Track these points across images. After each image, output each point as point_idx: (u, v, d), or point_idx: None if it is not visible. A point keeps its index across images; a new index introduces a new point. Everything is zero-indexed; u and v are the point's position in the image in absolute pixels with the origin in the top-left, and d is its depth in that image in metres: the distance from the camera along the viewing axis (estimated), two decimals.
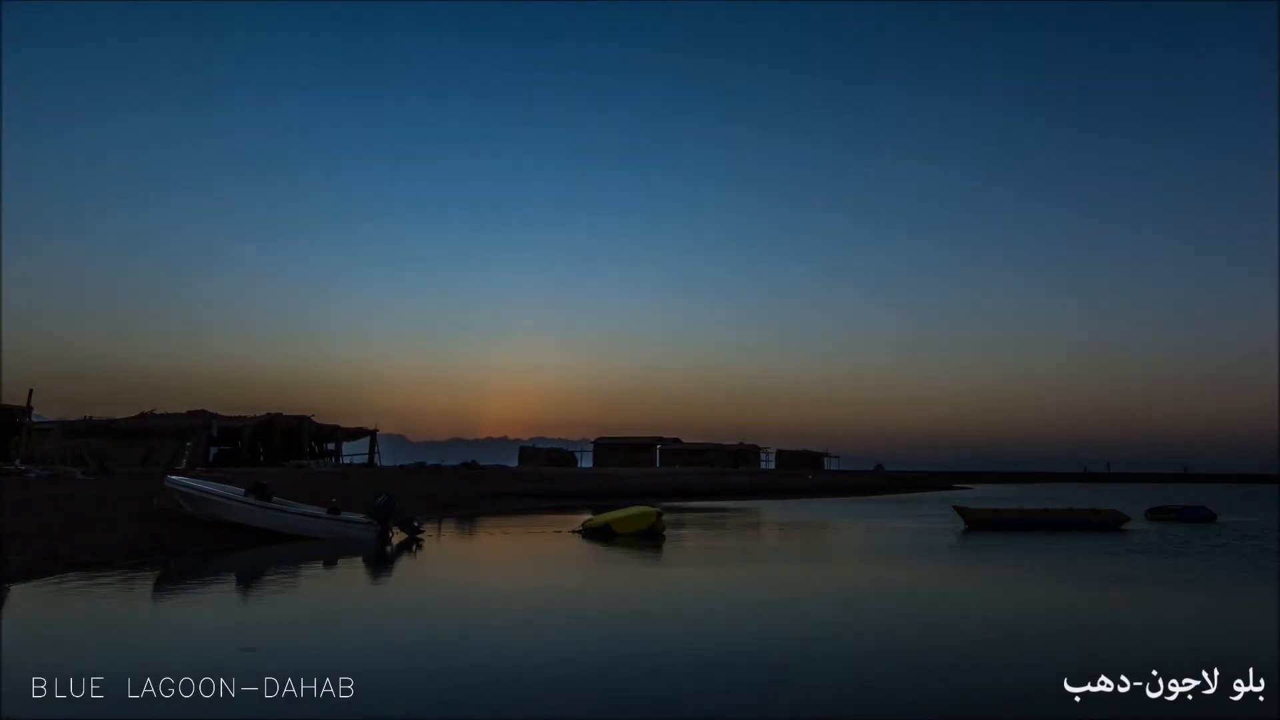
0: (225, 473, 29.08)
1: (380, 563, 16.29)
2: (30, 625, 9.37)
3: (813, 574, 15.60)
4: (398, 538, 19.73)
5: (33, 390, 35.84)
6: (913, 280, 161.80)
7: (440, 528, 23.34)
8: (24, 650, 8.11)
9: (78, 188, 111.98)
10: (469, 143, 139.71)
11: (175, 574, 13.98)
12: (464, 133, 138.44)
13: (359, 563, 16.02)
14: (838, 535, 23.70)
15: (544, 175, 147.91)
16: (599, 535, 21.35)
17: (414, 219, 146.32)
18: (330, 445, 52.57)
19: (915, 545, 20.19)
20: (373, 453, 52.37)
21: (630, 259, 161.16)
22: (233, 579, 13.85)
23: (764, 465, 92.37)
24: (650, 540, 20.46)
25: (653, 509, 22.56)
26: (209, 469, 34.18)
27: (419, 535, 19.95)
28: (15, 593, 11.31)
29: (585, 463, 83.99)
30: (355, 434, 52.68)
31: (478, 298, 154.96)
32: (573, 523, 24.16)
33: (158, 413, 45.43)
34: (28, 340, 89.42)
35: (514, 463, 77.09)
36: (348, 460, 51.86)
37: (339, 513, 19.54)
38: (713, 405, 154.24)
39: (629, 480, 49.90)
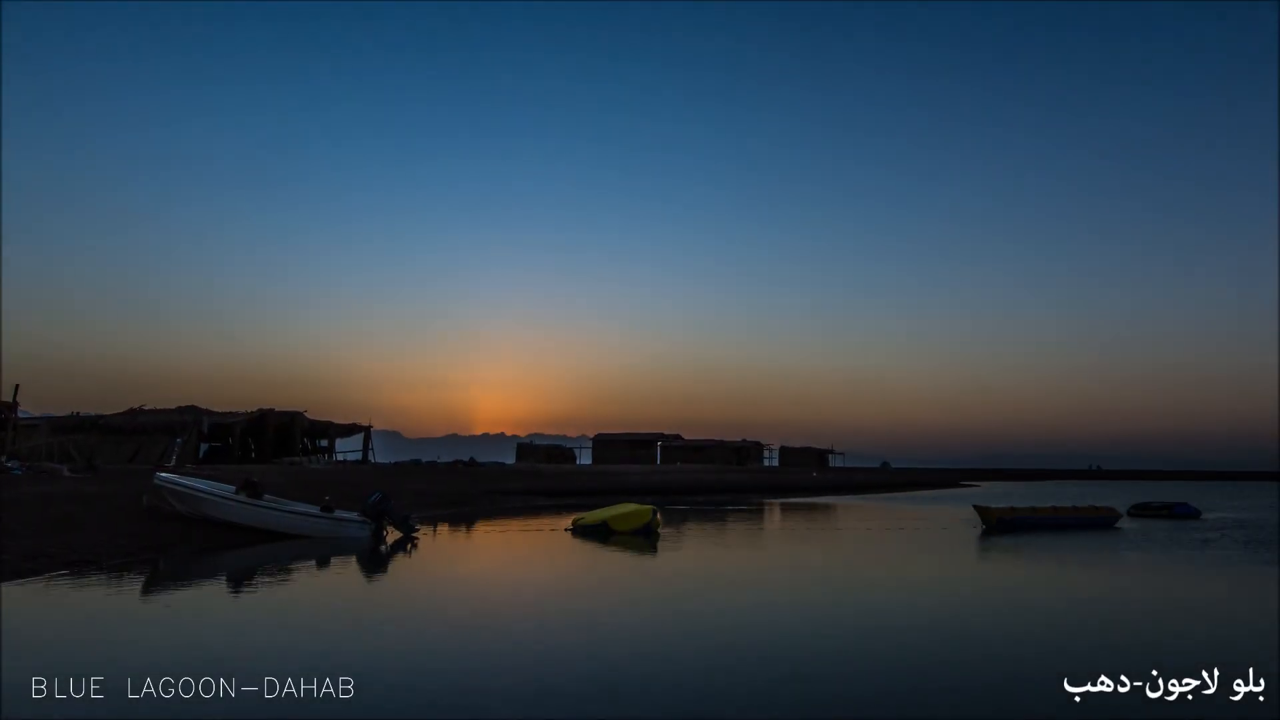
0: (216, 470, 29.18)
1: (374, 562, 16.37)
2: (21, 626, 9.44)
3: (814, 575, 15.67)
4: (392, 536, 19.80)
5: (19, 386, 36.04)
6: (919, 276, 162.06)
7: (435, 526, 23.42)
8: (21, 651, 8.19)
9: (65, 181, 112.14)
10: (465, 138, 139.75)
11: (165, 574, 14.05)
12: (461, 128, 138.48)
13: (353, 562, 16.10)
14: (841, 535, 23.76)
15: (544, 170, 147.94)
16: (592, 534, 21.34)
17: (409, 212, 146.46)
18: (323, 442, 52.70)
19: (926, 544, 20.26)
20: (367, 449, 52.48)
21: (631, 253, 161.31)
22: (224, 578, 13.93)
23: (767, 462, 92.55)
24: (645, 539, 20.49)
25: (647, 506, 22.55)
26: (199, 466, 34.28)
27: (414, 534, 20.03)
28: (2, 593, 11.37)
29: (584, 460, 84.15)
30: (349, 430, 52.78)
31: (474, 291, 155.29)
32: (569, 521, 24.20)
33: (147, 408, 45.54)
34: (13, 334, 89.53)
35: (511, 459, 77.21)
36: (341, 457, 51.98)
37: (332, 511, 19.60)
38: (715, 401, 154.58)
39: (628, 478, 49.99)
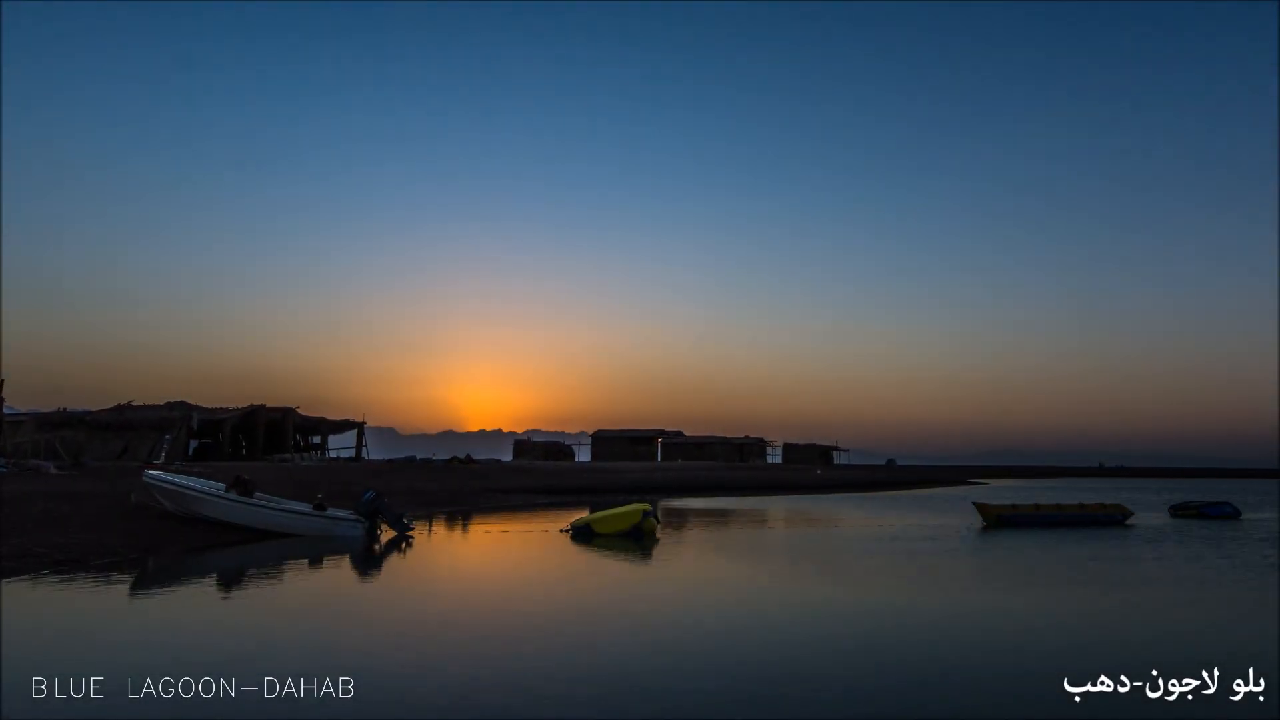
0: (206, 467, 29.26)
1: (368, 561, 16.45)
2: (12, 626, 9.53)
3: (817, 577, 15.74)
4: (386, 536, 19.87)
5: (3, 381, 36.03)
6: (926, 271, 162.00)
7: (431, 525, 23.49)
8: (16, 651, 8.27)
9: (51, 171, 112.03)
10: (463, 131, 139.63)
11: (154, 573, 14.13)
12: (457, 123, 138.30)
13: (346, 562, 16.18)
14: (847, 534, 23.85)
15: (543, 162, 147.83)
16: (583, 535, 20.98)
17: (405, 206, 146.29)
18: (315, 438, 52.82)
19: (929, 544, 20.35)
20: (360, 446, 52.56)
21: (632, 247, 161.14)
22: (215, 578, 14.02)
23: (770, 460, 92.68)
24: (638, 541, 19.90)
25: (639, 506, 21.84)
26: (189, 463, 34.37)
27: (408, 533, 20.10)
28: (2, 591, 11.47)
29: (583, 457, 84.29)
30: (342, 427, 52.87)
31: (471, 285, 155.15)
32: (567, 520, 24.22)
33: (135, 404, 45.65)
34: None
35: (508, 457, 77.38)
36: (334, 454, 52.08)
37: (325, 509, 19.65)
38: (717, 397, 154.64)
39: (628, 475, 50.08)
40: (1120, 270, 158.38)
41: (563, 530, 22.10)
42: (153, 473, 19.54)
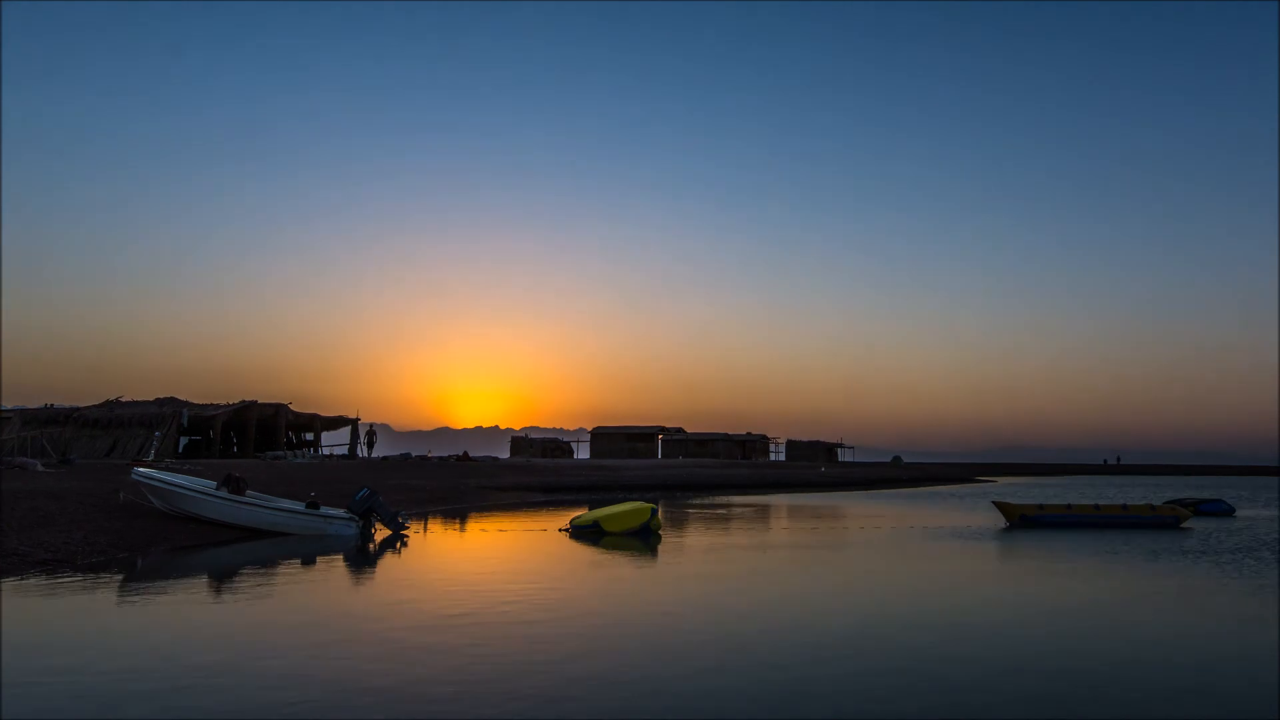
0: (196, 465, 29.22)
1: (362, 561, 16.40)
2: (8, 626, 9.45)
3: (822, 578, 15.69)
4: (381, 534, 19.85)
5: None
6: (932, 266, 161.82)
7: (426, 524, 23.45)
8: (11, 651, 8.23)
9: (39, 166, 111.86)
10: (460, 125, 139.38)
11: (143, 573, 14.08)
12: (454, 116, 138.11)
13: (339, 561, 16.13)
14: (852, 533, 23.79)
15: (542, 156, 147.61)
16: (588, 534, 21.11)
17: (400, 199, 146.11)
18: (308, 435, 52.74)
19: (943, 543, 20.29)
20: (354, 443, 52.49)
21: (632, 240, 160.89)
22: (205, 578, 13.95)
23: (773, 456, 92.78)
24: (644, 540, 20.15)
25: (646, 505, 22.16)
26: (178, 461, 34.33)
27: (403, 532, 20.08)
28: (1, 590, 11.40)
29: (582, 454, 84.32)
30: (335, 423, 52.81)
31: (468, 279, 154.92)
32: (565, 519, 24.21)
33: (124, 400, 45.55)
34: None
35: (505, 453, 77.38)
36: (327, 451, 52.03)
37: (318, 507, 19.65)
38: (719, 392, 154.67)
39: (628, 473, 50.07)
40: (1129, 266, 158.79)
41: (562, 530, 22.07)
42: (142, 470, 19.50)
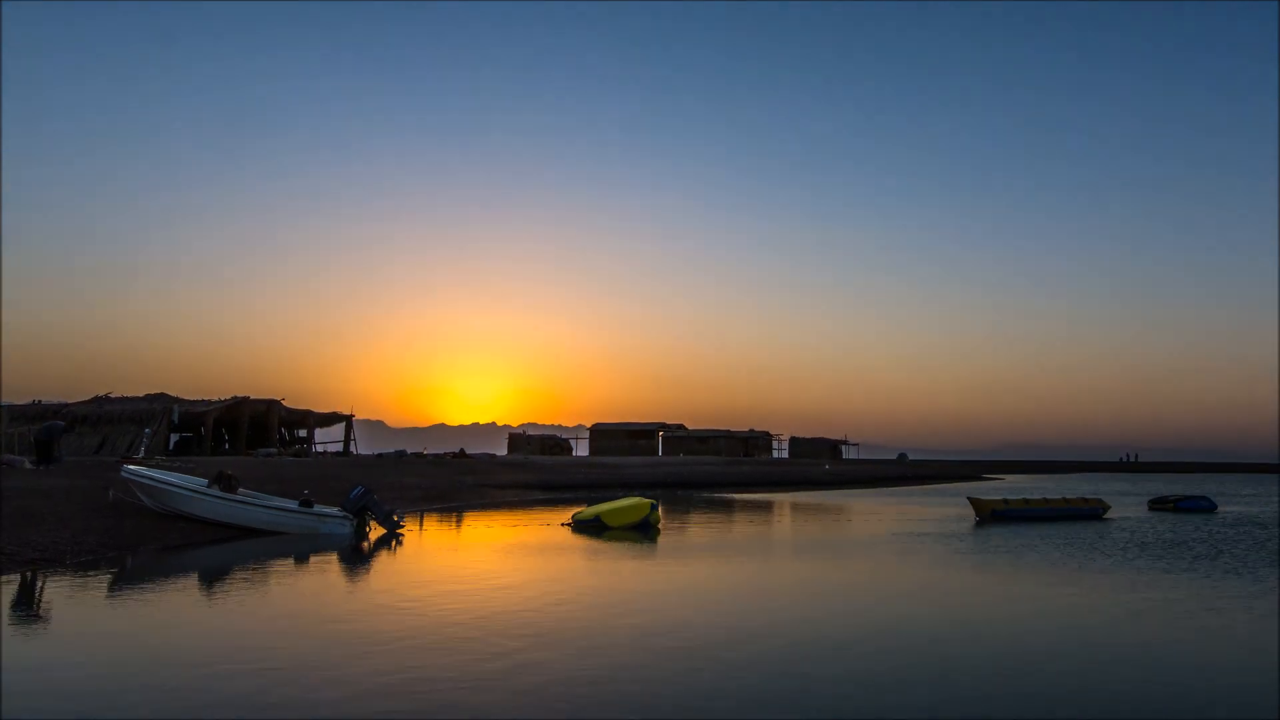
0: (187, 462, 29.23)
1: (356, 560, 16.41)
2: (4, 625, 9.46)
3: (824, 576, 15.68)
4: (375, 533, 19.86)
5: None
6: (937, 257, 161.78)
7: (421, 522, 23.46)
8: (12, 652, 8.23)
9: (24, 158, 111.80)
10: (454, 115, 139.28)
11: (132, 572, 14.08)
12: (448, 106, 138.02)
13: (334, 560, 16.14)
14: (857, 532, 23.82)
15: (542, 146, 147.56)
16: (589, 529, 21.69)
17: (394, 192, 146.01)
18: (302, 432, 52.75)
19: (931, 539, 20.32)
20: (348, 440, 52.53)
21: (631, 233, 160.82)
22: (196, 578, 13.95)
23: (776, 454, 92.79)
24: (644, 534, 20.75)
25: (645, 501, 22.95)
26: (169, 458, 34.33)
27: (398, 530, 20.09)
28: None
29: (581, 451, 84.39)
30: (329, 420, 52.82)
31: (465, 273, 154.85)
32: (564, 516, 24.37)
33: (113, 396, 45.62)
34: None
35: (503, 451, 77.46)
36: (321, 448, 52.06)
37: (311, 506, 19.67)
38: (721, 388, 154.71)
39: (628, 470, 50.11)
40: (1137, 261, 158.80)
41: (563, 524, 22.58)
42: (131, 468, 19.52)
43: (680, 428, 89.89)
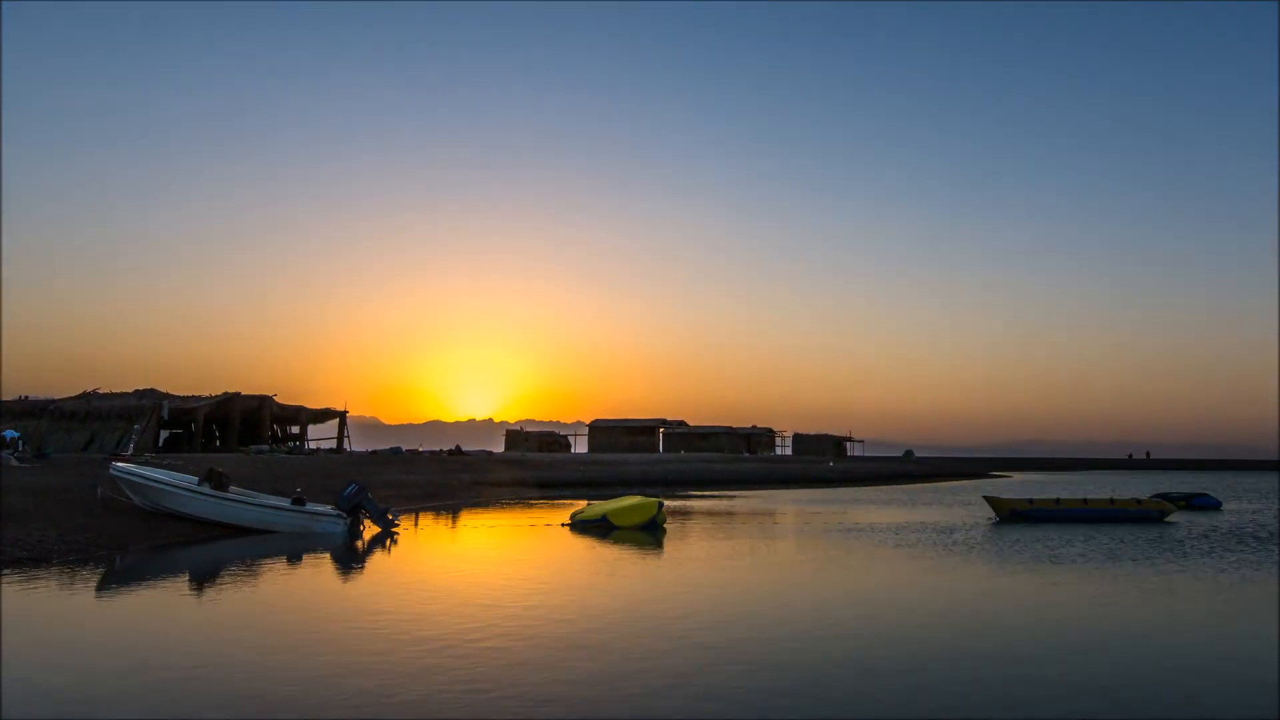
0: (177, 459, 29.22)
1: (350, 559, 16.39)
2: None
3: (825, 574, 15.67)
4: (369, 531, 19.85)
5: None
6: (942, 252, 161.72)
7: (417, 520, 23.45)
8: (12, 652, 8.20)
9: (12, 146, 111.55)
10: (447, 105, 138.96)
11: (121, 572, 14.06)
12: (440, 96, 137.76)
13: (326, 559, 16.12)
14: (859, 531, 23.78)
15: (536, 134, 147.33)
16: (591, 528, 21.41)
17: (388, 183, 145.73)
18: (294, 429, 52.75)
19: (942, 540, 20.29)
20: (342, 437, 52.52)
21: (631, 226, 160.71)
22: (186, 578, 13.93)
23: (780, 451, 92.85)
24: (650, 534, 20.59)
25: (652, 500, 22.71)
26: (159, 455, 34.32)
27: (393, 529, 20.08)
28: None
29: (580, 448, 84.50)
30: (322, 416, 52.82)
31: (460, 266, 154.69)
32: (562, 515, 24.28)
33: (102, 392, 45.58)
34: None
35: (500, 448, 77.51)
36: (314, 445, 52.06)
37: (304, 504, 19.64)
38: (723, 384, 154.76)
39: (628, 468, 50.11)
40: (1144, 257, 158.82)
41: (562, 524, 22.33)
42: (120, 465, 19.50)
43: (681, 424, 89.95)
